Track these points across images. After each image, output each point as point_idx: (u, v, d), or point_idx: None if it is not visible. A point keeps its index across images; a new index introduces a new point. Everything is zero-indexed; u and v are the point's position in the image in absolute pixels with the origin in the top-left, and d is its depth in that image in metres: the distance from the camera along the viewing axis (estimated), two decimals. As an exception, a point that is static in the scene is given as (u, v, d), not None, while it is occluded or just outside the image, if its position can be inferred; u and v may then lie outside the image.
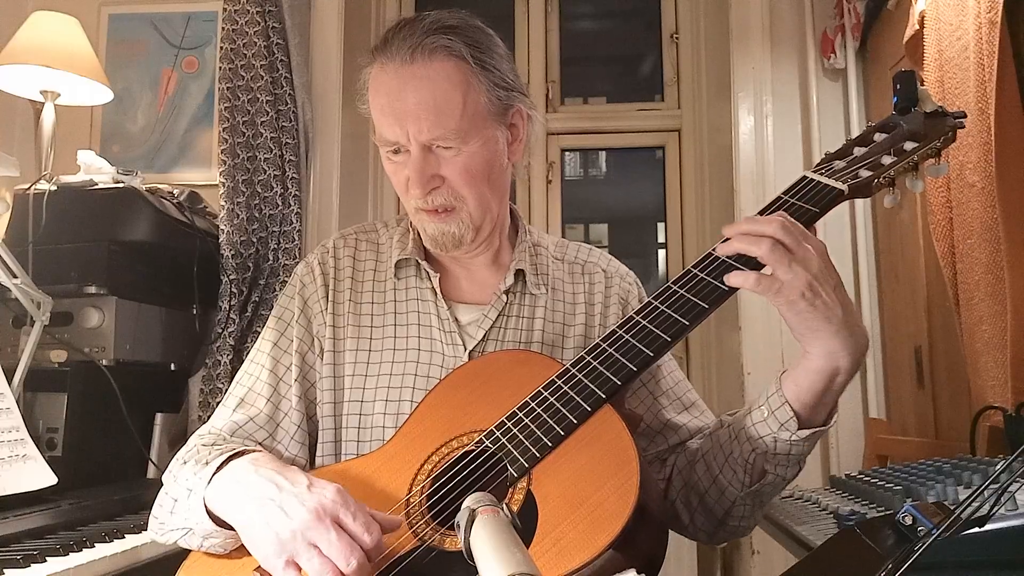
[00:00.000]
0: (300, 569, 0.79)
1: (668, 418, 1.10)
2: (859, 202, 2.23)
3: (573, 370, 0.90)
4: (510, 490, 0.83)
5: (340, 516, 0.80)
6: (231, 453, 0.92)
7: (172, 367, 2.04)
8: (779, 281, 0.83)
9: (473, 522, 0.64)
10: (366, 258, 1.14)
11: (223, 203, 2.17)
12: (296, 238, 2.22)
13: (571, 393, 0.88)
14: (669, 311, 0.90)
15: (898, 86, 0.97)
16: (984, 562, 0.72)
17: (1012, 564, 0.72)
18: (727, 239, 0.90)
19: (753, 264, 0.87)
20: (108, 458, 1.75)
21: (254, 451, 0.96)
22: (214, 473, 0.89)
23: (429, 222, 1.05)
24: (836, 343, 0.85)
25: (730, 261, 0.89)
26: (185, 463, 0.96)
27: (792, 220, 0.86)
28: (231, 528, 0.87)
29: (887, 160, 0.94)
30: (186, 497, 0.91)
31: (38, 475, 1.43)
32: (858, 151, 0.97)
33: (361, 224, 1.20)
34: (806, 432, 0.89)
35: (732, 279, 0.86)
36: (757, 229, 0.85)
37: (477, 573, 0.58)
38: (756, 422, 0.91)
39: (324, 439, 1.05)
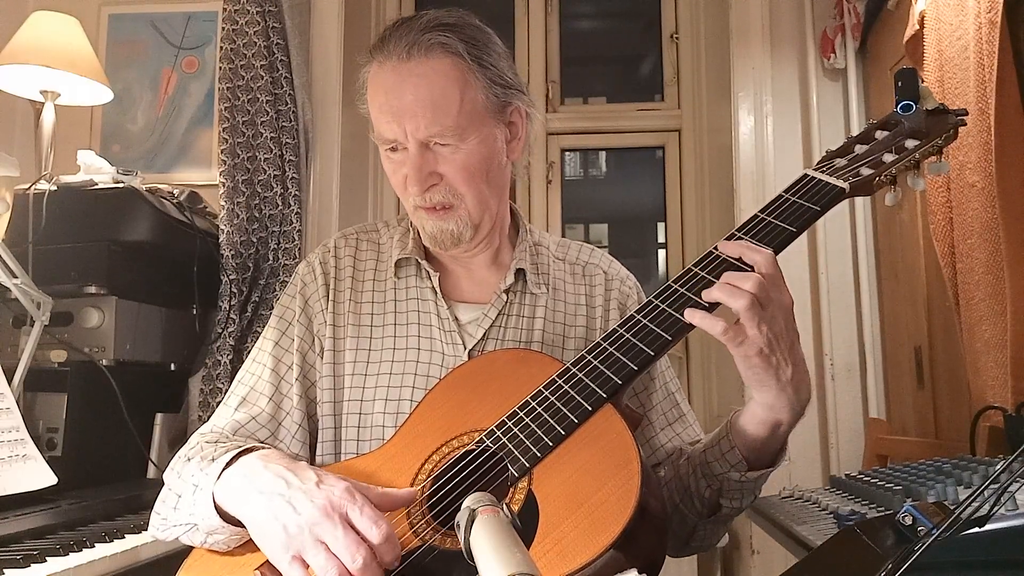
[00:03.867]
0: (307, 566, 0.79)
1: (649, 436, 1.11)
2: (859, 202, 2.23)
3: (574, 369, 0.90)
4: (511, 490, 0.83)
5: (348, 512, 0.79)
6: (240, 449, 0.92)
7: (172, 367, 2.04)
8: (744, 335, 0.85)
9: (473, 522, 0.64)
10: (367, 258, 1.14)
11: (223, 203, 2.17)
12: (296, 238, 2.22)
13: (572, 392, 0.88)
14: (670, 310, 0.90)
15: (900, 84, 0.97)
16: (984, 562, 0.72)
17: (1012, 564, 0.72)
18: (729, 237, 0.91)
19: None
20: (108, 458, 1.75)
21: (263, 447, 0.96)
22: (223, 469, 0.89)
23: (428, 220, 1.05)
24: (781, 400, 0.89)
25: (731, 260, 0.89)
26: (189, 460, 0.96)
27: (773, 269, 0.86)
28: (237, 524, 0.87)
29: (888, 158, 0.94)
30: (192, 493, 0.91)
31: (38, 475, 1.43)
32: (859, 149, 0.97)
33: (362, 224, 1.20)
34: (755, 474, 0.94)
35: (698, 320, 0.86)
36: (738, 283, 0.85)
37: (477, 573, 0.58)
38: (710, 461, 0.97)
39: (324, 438, 1.05)
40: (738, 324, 0.85)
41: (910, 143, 0.95)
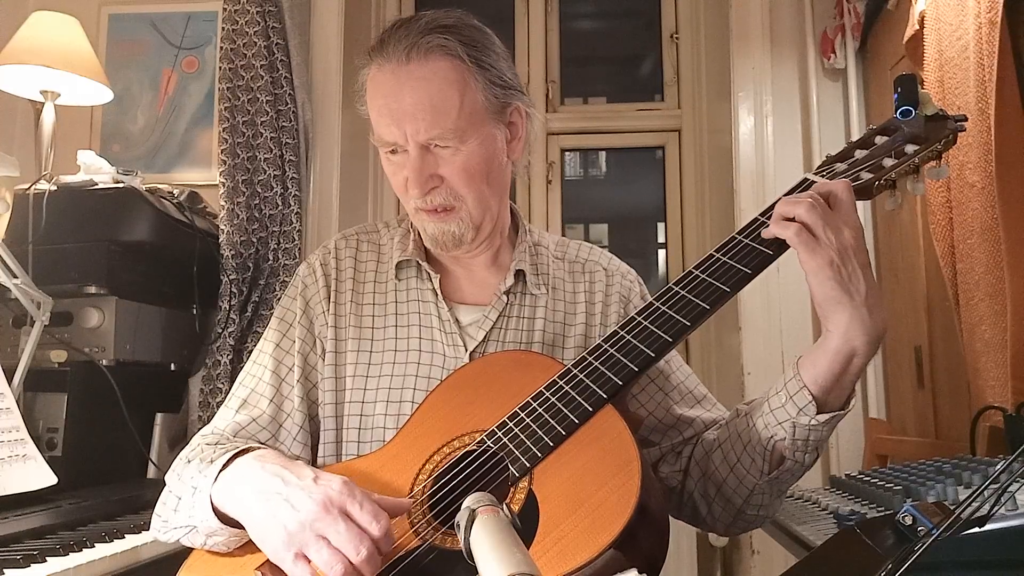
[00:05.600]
0: (309, 562, 0.79)
1: (680, 413, 1.10)
2: (859, 203, 2.22)
3: (574, 370, 0.90)
4: (512, 489, 0.83)
5: (347, 507, 0.80)
6: (236, 451, 0.93)
7: (172, 367, 2.04)
8: (815, 242, 0.85)
9: (473, 522, 0.64)
10: (367, 259, 1.14)
11: (223, 203, 2.17)
12: (296, 238, 2.22)
13: (572, 393, 0.88)
14: (670, 311, 0.90)
15: (899, 89, 0.97)
16: (984, 562, 0.72)
17: (1012, 564, 0.72)
18: (729, 240, 0.91)
19: (758, 261, 0.89)
20: (108, 458, 1.75)
21: (259, 448, 0.96)
22: (220, 470, 0.89)
23: (429, 222, 1.05)
24: (855, 322, 0.85)
25: (730, 262, 0.90)
26: (189, 462, 0.96)
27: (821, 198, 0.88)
28: (236, 526, 0.87)
29: (888, 163, 0.95)
30: (191, 495, 0.91)
31: (38, 475, 1.43)
32: (859, 154, 0.97)
33: (362, 224, 1.20)
34: (825, 416, 0.88)
35: (772, 228, 0.88)
36: (793, 201, 0.88)
37: (477, 573, 0.58)
38: (774, 408, 0.91)
39: (325, 439, 1.05)
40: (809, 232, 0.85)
41: (909, 148, 0.95)
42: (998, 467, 0.67)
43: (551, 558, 0.75)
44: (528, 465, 0.84)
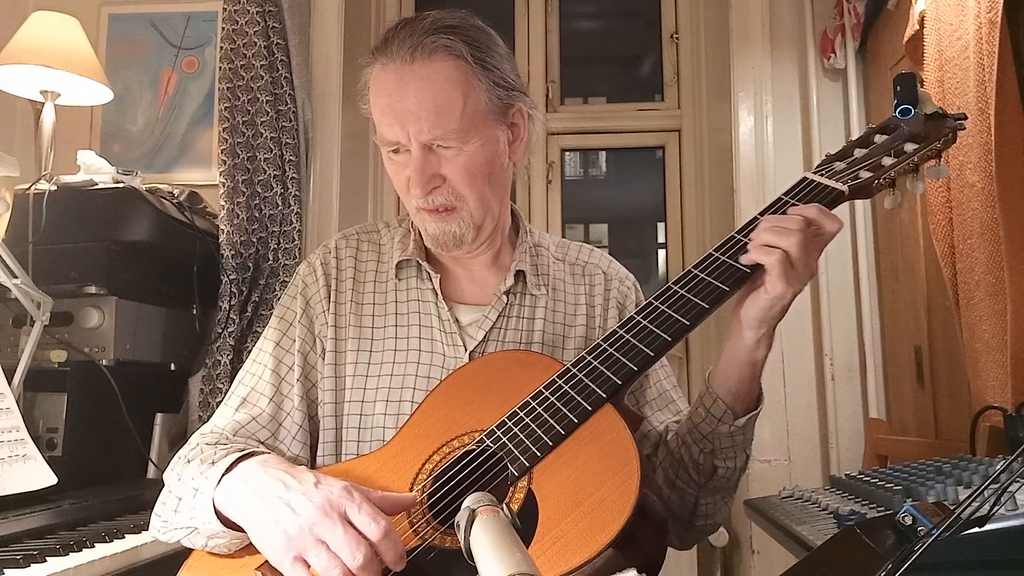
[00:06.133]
0: (309, 566, 0.79)
1: (649, 427, 1.10)
2: (859, 203, 2.23)
3: (574, 370, 0.90)
4: (511, 489, 0.83)
5: (347, 510, 0.79)
6: (240, 454, 0.92)
7: (172, 367, 2.04)
8: (796, 271, 0.87)
9: (473, 522, 0.64)
10: (368, 258, 1.14)
11: (223, 203, 2.17)
12: (296, 238, 2.22)
13: (572, 392, 0.88)
14: (670, 311, 0.90)
15: (898, 88, 0.98)
16: (984, 562, 0.72)
17: (1012, 564, 0.72)
18: (727, 240, 0.92)
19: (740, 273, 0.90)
20: (108, 458, 1.75)
21: (262, 452, 0.96)
22: (223, 474, 0.89)
23: (430, 222, 1.05)
24: (770, 332, 0.91)
25: (730, 262, 0.90)
26: (190, 462, 0.96)
27: (805, 225, 0.89)
28: (237, 529, 0.87)
29: (888, 161, 0.95)
30: (192, 496, 0.91)
31: (38, 475, 1.43)
32: (859, 152, 0.97)
33: (363, 224, 1.20)
34: (743, 419, 0.95)
35: (752, 256, 0.89)
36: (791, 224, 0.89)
37: (477, 573, 0.58)
38: (697, 423, 0.97)
39: (325, 439, 1.05)
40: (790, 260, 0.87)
41: (909, 147, 0.95)
42: (998, 467, 0.67)
43: (550, 557, 0.75)
44: (527, 465, 0.84)
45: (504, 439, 0.87)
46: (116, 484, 1.71)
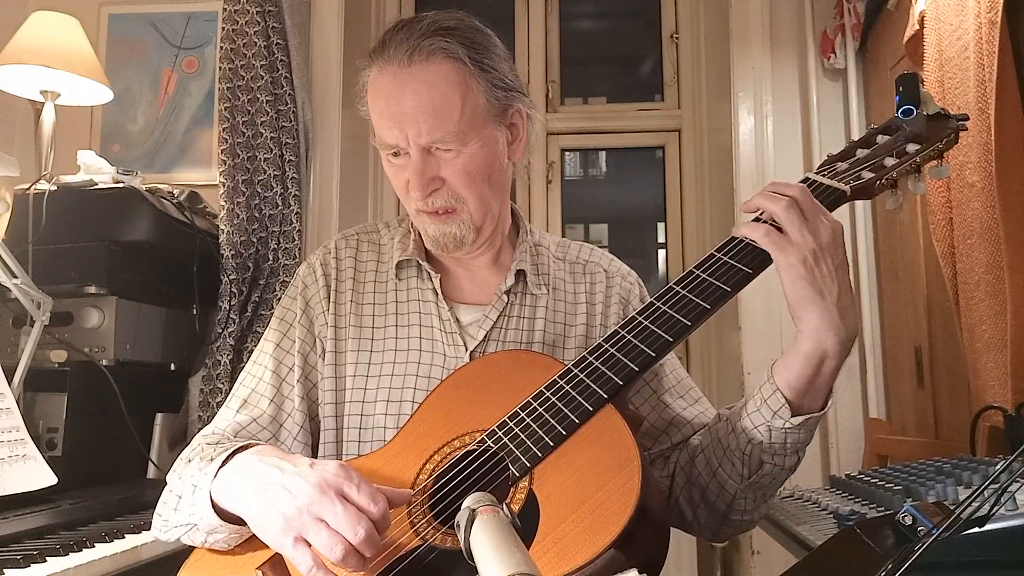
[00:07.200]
0: (310, 545, 0.79)
1: (673, 414, 1.10)
2: (859, 203, 2.22)
3: (575, 370, 0.90)
4: (512, 489, 0.83)
5: (344, 488, 0.79)
6: (235, 448, 0.93)
7: (172, 367, 2.04)
8: (788, 241, 0.85)
9: (473, 522, 0.64)
10: (367, 259, 1.14)
11: (223, 203, 2.17)
12: (296, 238, 2.22)
13: (573, 393, 0.88)
14: (671, 311, 0.90)
15: (901, 88, 0.98)
16: (984, 562, 0.72)
17: (1012, 564, 0.72)
18: (728, 241, 0.92)
19: (759, 261, 0.88)
20: (108, 458, 1.75)
21: (258, 444, 0.96)
22: (219, 467, 0.90)
23: (430, 224, 1.05)
24: (825, 323, 0.85)
25: (731, 262, 0.90)
26: (190, 461, 0.96)
27: (808, 196, 0.89)
28: (236, 522, 0.87)
29: (889, 162, 0.95)
30: (191, 493, 0.91)
31: (38, 475, 1.43)
32: (860, 153, 0.97)
33: (363, 224, 1.20)
34: (799, 419, 0.89)
35: (742, 230, 0.89)
36: (780, 189, 0.88)
37: (477, 573, 0.58)
38: (750, 412, 0.92)
39: (326, 439, 1.05)
40: (782, 232, 0.86)
41: (911, 147, 0.95)
42: (998, 467, 0.67)
43: (551, 558, 0.75)
44: (528, 465, 0.84)
45: (505, 439, 0.87)
46: (116, 484, 1.71)
